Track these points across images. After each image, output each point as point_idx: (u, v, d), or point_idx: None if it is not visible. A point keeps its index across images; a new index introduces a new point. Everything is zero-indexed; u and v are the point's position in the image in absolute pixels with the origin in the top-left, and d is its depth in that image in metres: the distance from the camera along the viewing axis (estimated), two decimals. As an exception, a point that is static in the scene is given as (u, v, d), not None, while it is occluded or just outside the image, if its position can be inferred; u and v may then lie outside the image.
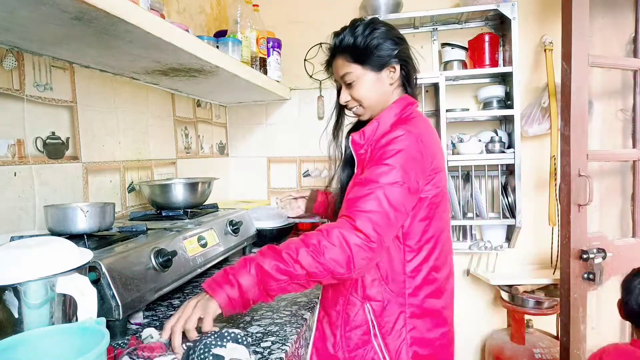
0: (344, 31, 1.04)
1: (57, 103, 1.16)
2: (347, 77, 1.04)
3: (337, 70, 1.07)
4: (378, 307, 0.97)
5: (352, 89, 1.05)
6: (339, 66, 1.06)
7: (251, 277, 0.78)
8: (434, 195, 0.97)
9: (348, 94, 1.07)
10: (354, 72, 1.03)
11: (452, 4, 1.95)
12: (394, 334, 0.97)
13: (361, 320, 0.98)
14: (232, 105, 2.23)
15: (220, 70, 1.38)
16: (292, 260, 0.79)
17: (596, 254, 1.41)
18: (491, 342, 1.92)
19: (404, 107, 1.05)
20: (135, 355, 0.69)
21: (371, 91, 1.04)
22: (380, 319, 0.97)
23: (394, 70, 1.05)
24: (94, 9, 0.79)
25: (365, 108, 1.07)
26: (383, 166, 0.90)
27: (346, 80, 1.05)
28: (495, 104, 1.87)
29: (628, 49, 1.64)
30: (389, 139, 0.94)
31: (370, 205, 0.86)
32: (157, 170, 1.62)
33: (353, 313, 0.99)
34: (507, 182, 1.92)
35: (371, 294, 0.98)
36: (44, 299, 0.63)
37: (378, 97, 1.05)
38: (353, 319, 0.99)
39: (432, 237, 0.99)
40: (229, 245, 1.30)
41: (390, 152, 0.91)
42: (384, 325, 0.97)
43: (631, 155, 1.62)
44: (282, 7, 2.13)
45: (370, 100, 1.05)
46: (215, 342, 0.70)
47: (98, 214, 0.98)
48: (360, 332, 0.98)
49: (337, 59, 1.06)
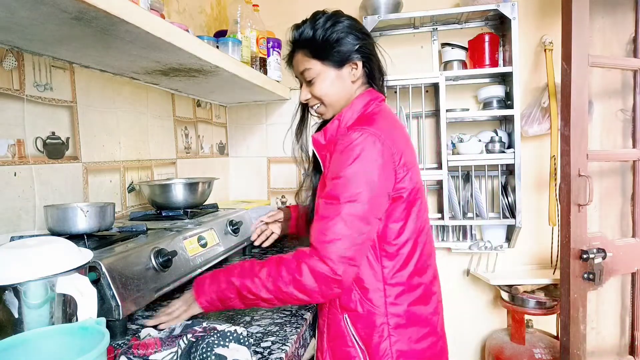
0: (304, 24, 0.99)
1: (57, 103, 1.16)
2: (307, 73, 0.98)
3: (296, 66, 1.01)
4: (356, 318, 0.93)
5: (312, 86, 0.99)
6: (298, 61, 1.00)
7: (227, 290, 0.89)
8: (409, 193, 0.92)
9: (308, 91, 1.01)
10: (314, 68, 0.97)
11: (452, 4, 1.95)
12: (378, 348, 0.92)
13: (342, 331, 0.95)
14: (232, 105, 2.23)
15: (220, 70, 1.38)
16: (261, 286, 0.86)
17: (596, 254, 1.41)
18: (491, 342, 1.92)
19: (366, 103, 0.98)
20: (131, 354, 0.69)
21: (332, 88, 0.98)
22: (360, 331, 0.93)
23: (356, 67, 0.98)
24: (94, 9, 0.79)
25: (326, 106, 1.01)
26: (341, 179, 0.85)
27: (306, 76, 0.99)
28: (495, 104, 1.87)
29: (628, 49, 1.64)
30: (344, 145, 0.87)
31: (332, 233, 0.83)
32: (157, 170, 1.62)
33: (335, 323, 0.96)
34: (507, 182, 1.92)
35: (347, 305, 0.94)
36: (44, 299, 0.63)
37: (339, 94, 0.99)
38: (335, 329, 0.96)
39: (409, 238, 0.93)
40: (229, 245, 1.30)
41: (347, 160, 0.86)
42: (365, 338, 0.93)
43: (631, 155, 1.62)
44: (282, 7, 2.13)
45: (330, 97, 0.99)
46: (218, 342, 0.70)
47: (98, 214, 0.98)
48: (342, 344, 0.95)
49: (297, 53, 1.00)
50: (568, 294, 1.42)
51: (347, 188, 0.84)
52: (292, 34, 1.00)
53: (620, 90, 1.69)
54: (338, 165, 0.87)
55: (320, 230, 0.85)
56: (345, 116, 0.97)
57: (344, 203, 0.84)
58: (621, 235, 1.64)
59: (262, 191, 2.24)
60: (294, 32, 1.00)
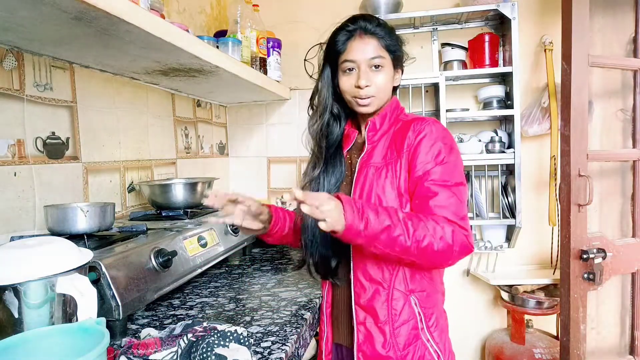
0: (369, 17, 1.00)
1: (57, 103, 1.16)
2: (379, 60, 0.97)
3: (365, 49, 0.97)
4: (422, 298, 0.95)
5: (378, 74, 0.98)
6: (371, 46, 0.97)
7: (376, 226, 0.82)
8: None
9: (371, 77, 0.97)
10: (386, 59, 0.98)
11: (452, 4, 1.95)
12: (440, 326, 0.97)
13: (409, 314, 0.94)
14: (232, 105, 2.23)
15: (220, 70, 1.38)
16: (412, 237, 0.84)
17: (596, 254, 1.41)
18: (491, 342, 1.92)
19: (401, 109, 1.06)
20: (131, 354, 0.69)
21: (388, 84, 1.01)
22: (426, 310, 0.95)
23: (400, 74, 1.05)
24: (94, 9, 0.79)
25: (376, 98, 0.99)
26: (449, 164, 0.92)
27: (376, 62, 0.97)
28: (495, 104, 1.87)
29: (628, 49, 1.64)
30: (437, 132, 0.94)
31: (462, 210, 0.91)
32: (157, 170, 1.62)
33: (399, 307, 0.94)
34: (507, 182, 1.92)
35: (414, 285, 0.95)
36: (44, 299, 0.64)
37: (389, 92, 1.02)
38: (400, 313, 0.94)
39: None
40: (229, 245, 1.30)
41: (447, 147, 0.93)
42: (430, 317, 0.96)
43: (631, 155, 1.62)
44: (282, 7, 2.13)
45: (385, 92, 1.01)
46: (218, 342, 0.70)
47: (98, 214, 0.98)
48: (408, 327, 0.94)
49: (371, 38, 0.97)
50: (568, 294, 1.42)
51: (455, 172, 0.93)
52: (360, 22, 0.98)
53: (620, 90, 1.68)
54: (439, 151, 0.93)
55: (454, 206, 0.90)
56: (392, 111, 1.03)
57: (458, 185, 0.92)
58: (621, 235, 1.64)
59: (262, 191, 2.24)
60: (364, 22, 0.98)
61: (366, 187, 0.96)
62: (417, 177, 0.92)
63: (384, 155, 0.98)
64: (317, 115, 1.06)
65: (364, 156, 1.01)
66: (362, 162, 1.00)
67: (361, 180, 0.98)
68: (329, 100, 1.05)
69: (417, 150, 0.93)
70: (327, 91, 1.04)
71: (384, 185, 0.95)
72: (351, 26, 0.98)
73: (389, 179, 0.95)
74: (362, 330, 0.96)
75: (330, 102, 1.05)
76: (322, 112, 1.05)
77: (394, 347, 0.93)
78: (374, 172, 0.97)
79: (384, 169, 0.96)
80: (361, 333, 0.96)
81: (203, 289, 1.17)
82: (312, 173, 1.05)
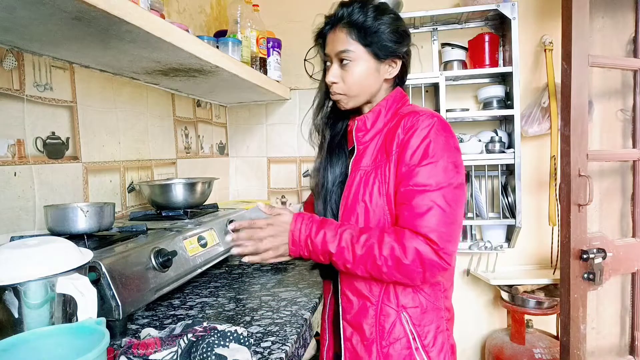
0: (354, 3, 0.91)
1: (57, 103, 1.16)
2: (345, 54, 0.90)
3: (334, 44, 0.92)
4: (416, 315, 0.87)
5: (346, 69, 0.91)
6: (338, 39, 0.91)
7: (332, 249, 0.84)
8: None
9: (339, 74, 0.92)
10: (355, 51, 0.90)
11: (452, 4, 1.95)
12: (437, 345, 0.88)
13: (399, 332, 0.87)
14: (232, 105, 2.23)
15: (220, 70, 1.38)
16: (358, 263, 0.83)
17: (596, 254, 1.41)
18: (491, 342, 1.92)
19: (404, 102, 0.97)
20: (131, 354, 0.69)
21: (365, 79, 0.91)
22: (420, 328, 0.87)
23: (394, 66, 0.94)
24: (94, 9, 0.79)
25: (349, 96, 0.94)
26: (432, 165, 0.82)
27: (342, 57, 0.91)
28: (495, 104, 1.87)
29: (628, 49, 1.64)
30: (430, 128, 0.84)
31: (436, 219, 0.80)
32: (157, 170, 1.62)
33: (388, 325, 0.87)
34: (507, 182, 1.92)
35: (406, 302, 0.87)
36: (44, 299, 0.63)
37: (369, 87, 0.93)
38: (389, 331, 0.87)
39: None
40: (229, 246, 1.30)
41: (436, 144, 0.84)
42: (425, 336, 0.87)
43: (631, 155, 1.62)
44: (282, 7, 2.13)
45: (359, 87, 0.92)
46: (219, 342, 0.70)
47: (98, 214, 0.98)
48: (399, 347, 0.87)
49: (338, 31, 0.91)
50: (568, 294, 1.42)
51: (443, 173, 0.83)
52: (338, 10, 0.92)
53: (620, 90, 1.68)
54: (426, 148, 0.83)
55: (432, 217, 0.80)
56: (387, 106, 0.94)
57: (442, 188, 0.81)
58: (621, 235, 1.64)
59: (262, 191, 2.24)
60: (342, 9, 0.92)
61: (351, 195, 0.91)
62: (401, 178, 0.85)
63: (374, 158, 0.91)
64: (317, 108, 1.03)
65: (355, 158, 0.95)
66: (353, 165, 0.95)
67: (353, 186, 0.92)
68: (324, 95, 1.01)
69: (404, 149, 0.85)
70: (323, 86, 1.00)
71: (371, 192, 0.88)
72: (328, 18, 0.94)
73: (377, 184, 0.88)
74: (349, 347, 0.91)
75: (325, 96, 1.01)
76: (320, 105, 1.02)
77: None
78: (362, 177, 0.91)
79: (372, 174, 0.89)
80: (348, 350, 0.92)
81: (203, 289, 1.17)
82: (317, 166, 1.02)
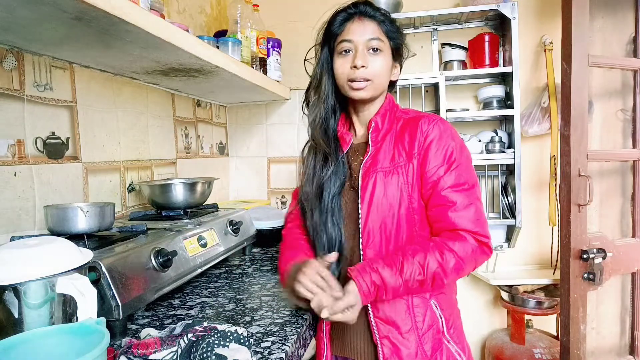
0: (374, 5, 0.97)
1: (57, 103, 1.16)
2: (378, 43, 0.93)
3: (364, 30, 0.93)
4: (441, 300, 0.94)
5: (375, 57, 0.93)
6: (369, 28, 0.93)
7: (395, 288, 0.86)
8: None
9: (368, 60, 0.93)
10: (385, 44, 0.94)
11: (452, 4, 1.95)
12: (455, 325, 0.96)
13: (432, 319, 0.92)
14: (232, 105, 2.23)
15: (220, 70, 1.38)
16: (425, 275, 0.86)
17: (596, 254, 1.41)
18: (491, 342, 1.92)
19: (397, 106, 1.03)
20: (130, 354, 0.69)
21: (387, 71, 0.96)
22: (445, 312, 0.94)
23: (397, 69, 1.01)
24: (94, 9, 0.79)
25: (374, 83, 0.94)
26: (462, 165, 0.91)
27: (374, 45, 0.93)
28: (495, 104, 1.87)
29: (628, 49, 1.64)
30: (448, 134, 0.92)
31: (481, 215, 0.91)
32: (157, 170, 1.62)
33: (421, 314, 0.92)
34: (507, 182, 1.92)
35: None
36: (44, 299, 0.63)
37: (385, 81, 0.97)
38: (424, 320, 0.92)
39: None
40: (229, 245, 1.30)
41: (458, 146, 0.92)
42: (449, 319, 0.94)
43: (631, 155, 1.62)
44: (282, 7, 2.13)
45: (383, 78, 0.96)
46: (219, 342, 0.70)
47: (98, 214, 0.98)
48: (433, 332, 0.92)
49: (368, 21, 0.94)
50: (568, 294, 1.42)
51: (469, 173, 0.92)
52: (372, 5, 0.96)
53: (620, 90, 1.68)
54: (451, 153, 0.91)
55: (473, 214, 0.90)
56: (392, 109, 1.00)
57: (474, 186, 0.92)
58: (621, 235, 1.64)
59: (262, 191, 2.24)
60: (374, 6, 0.96)
61: (375, 195, 0.92)
62: (432, 183, 0.90)
63: (391, 158, 0.94)
64: (321, 103, 1.01)
65: (368, 159, 0.95)
66: (367, 167, 0.95)
67: (369, 188, 0.93)
68: (330, 87, 1.00)
69: (427, 153, 0.91)
70: (328, 78, 0.99)
71: (394, 191, 0.91)
72: (352, 9, 0.95)
73: (400, 184, 0.92)
74: (387, 344, 0.92)
75: (331, 89, 1.00)
76: (324, 99, 1.00)
77: (422, 355, 0.90)
78: (383, 178, 0.92)
79: (394, 174, 0.92)
80: (386, 347, 0.92)
81: (203, 289, 1.17)
82: (320, 172, 1.00)
